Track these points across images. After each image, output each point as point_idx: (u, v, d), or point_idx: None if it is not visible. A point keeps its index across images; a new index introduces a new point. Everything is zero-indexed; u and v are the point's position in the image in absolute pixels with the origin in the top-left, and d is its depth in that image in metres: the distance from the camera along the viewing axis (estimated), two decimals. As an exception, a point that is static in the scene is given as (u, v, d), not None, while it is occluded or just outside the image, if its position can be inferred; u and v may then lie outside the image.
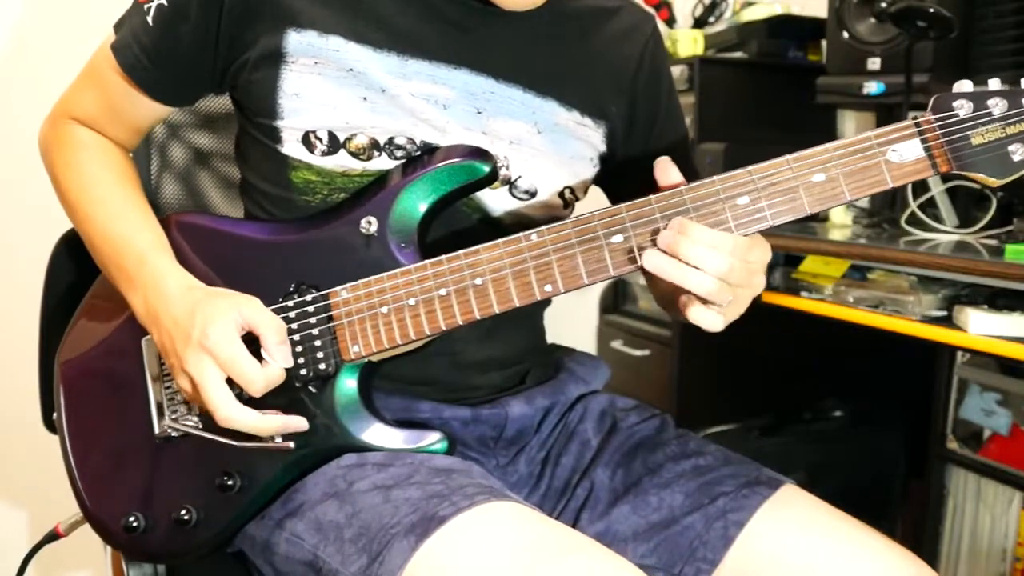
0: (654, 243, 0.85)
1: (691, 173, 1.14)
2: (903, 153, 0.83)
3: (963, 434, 1.76)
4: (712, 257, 0.82)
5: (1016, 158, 0.82)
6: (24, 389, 1.16)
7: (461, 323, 0.89)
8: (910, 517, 2.02)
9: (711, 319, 0.84)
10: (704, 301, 0.84)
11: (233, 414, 0.87)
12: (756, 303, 1.81)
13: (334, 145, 0.94)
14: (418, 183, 0.91)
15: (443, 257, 0.89)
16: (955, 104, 0.83)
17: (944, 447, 1.79)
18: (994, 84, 0.83)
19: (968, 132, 0.83)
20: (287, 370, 0.89)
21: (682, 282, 0.83)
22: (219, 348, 0.86)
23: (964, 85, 0.84)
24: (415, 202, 0.92)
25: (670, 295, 0.90)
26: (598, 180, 1.10)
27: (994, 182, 0.83)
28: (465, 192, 0.93)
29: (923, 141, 0.83)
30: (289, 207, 0.97)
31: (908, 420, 2.03)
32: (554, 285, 0.87)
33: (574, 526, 0.97)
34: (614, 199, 1.11)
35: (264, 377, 0.87)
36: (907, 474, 2.08)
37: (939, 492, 1.81)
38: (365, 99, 0.93)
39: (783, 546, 0.90)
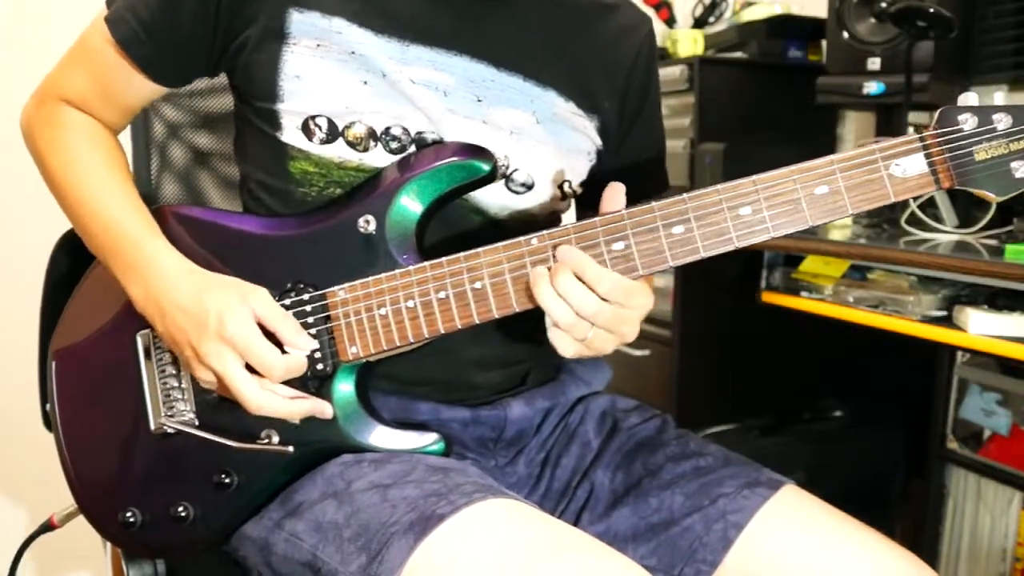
0: (653, 251, 0.85)
1: (661, 181, 1.14)
2: (906, 167, 0.83)
3: (963, 434, 1.76)
4: (579, 293, 0.83)
5: (1018, 175, 0.83)
6: (25, 383, 1.16)
7: (460, 327, 0.89)
8: (910, 517, 2.02)
9: (561, 343, 0.85)
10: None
11: (264, 402, 0.87)
12: (756, 303, 1.81)
13: (333, 133, 0.94)
14: (416, 181, 0.91)
15: (443, 259, 0.88)
16: (960, 118, 0.83)
17: (944, 447, 1.79)
18: (999, 98, 0.83)
19: (972, 148, 0.83)
20: None
21: (542, 304, 0.84)
22: (238, 338, 0.86)
23: (969, 98, 0.84)
24: (413, 201, 0.91)
25: None
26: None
27: (995, 198, 0.84)
28: (464, 191, 0.93)
29: (927, 156, 0.83)
30: (287, 199, 0.97)
31: (908, 420, 2.03)
32: None
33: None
34: (589, 200, 1.11)
35: (284, 364, 0.87)
36: (907, 474, 2.08)
37: (939, 492, 1.81)
38: (366, 83, 0.93)
39: (783, 547, 0.90)
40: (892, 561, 0.88)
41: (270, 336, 0.88)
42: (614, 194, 0.87)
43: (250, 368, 0.87)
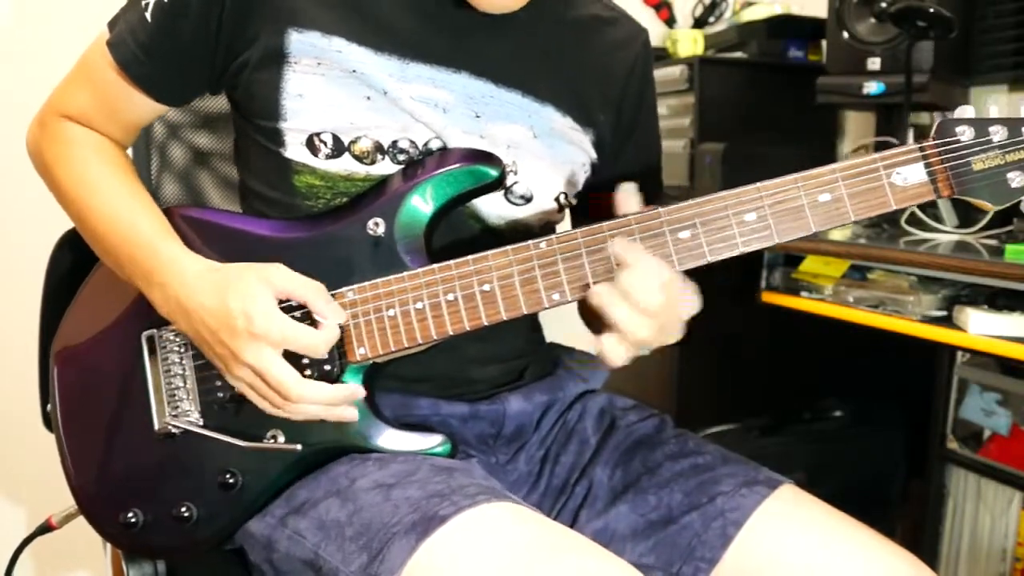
0: (659, 255, 0.86)
1: (657, 187, 1.15)
2: (907, 176, 0.85)
3: (963, 434, 1.76)
4: (654, 295, 0.84)
5: (1014, 185, 0.85)
6: (25, 383, 1.16)
7: (469, 328, 0.89)
8: (910, 517, 2.02)
9: (616, 352, 0.87)
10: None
11: (308, 391, 0.86)
12: (756, 303, 1.81)
13: (338, 148, 0.94)
14: (425, 185, 0.91)
15: (451, 262, 0.89)
16: (958, 130, 0.86)
17: (944, 447, 1.79)
18: (994, 111, 0.86)
19: (969, 159, 0.85)
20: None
21: (622, 322, 0.85)
22: (269, 330, 0.85)
23: (967, 111, 0.86)
24: (423, 204, 0.92)
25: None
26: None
27: (992, 207, 0.86)
28: (472, 196, 0.94)
29: (927, 166, 0.85)
30: (291, 212, 0.97)
31: (908, 420, 2.03)
32: (562, 293, 0.88)
33: (573, 525, 0.98)
34: (584, 208, 1.11)
35: (324, 339, 0.87)
36: (907, 474, 2.08)
37: (939, 492, 1.81)
38: (369, 98, 0.93)
39: (781, 546, 0.90)
40: (890, 561, 0.89)
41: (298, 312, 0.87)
42: (627, 197, 0.87)
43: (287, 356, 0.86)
